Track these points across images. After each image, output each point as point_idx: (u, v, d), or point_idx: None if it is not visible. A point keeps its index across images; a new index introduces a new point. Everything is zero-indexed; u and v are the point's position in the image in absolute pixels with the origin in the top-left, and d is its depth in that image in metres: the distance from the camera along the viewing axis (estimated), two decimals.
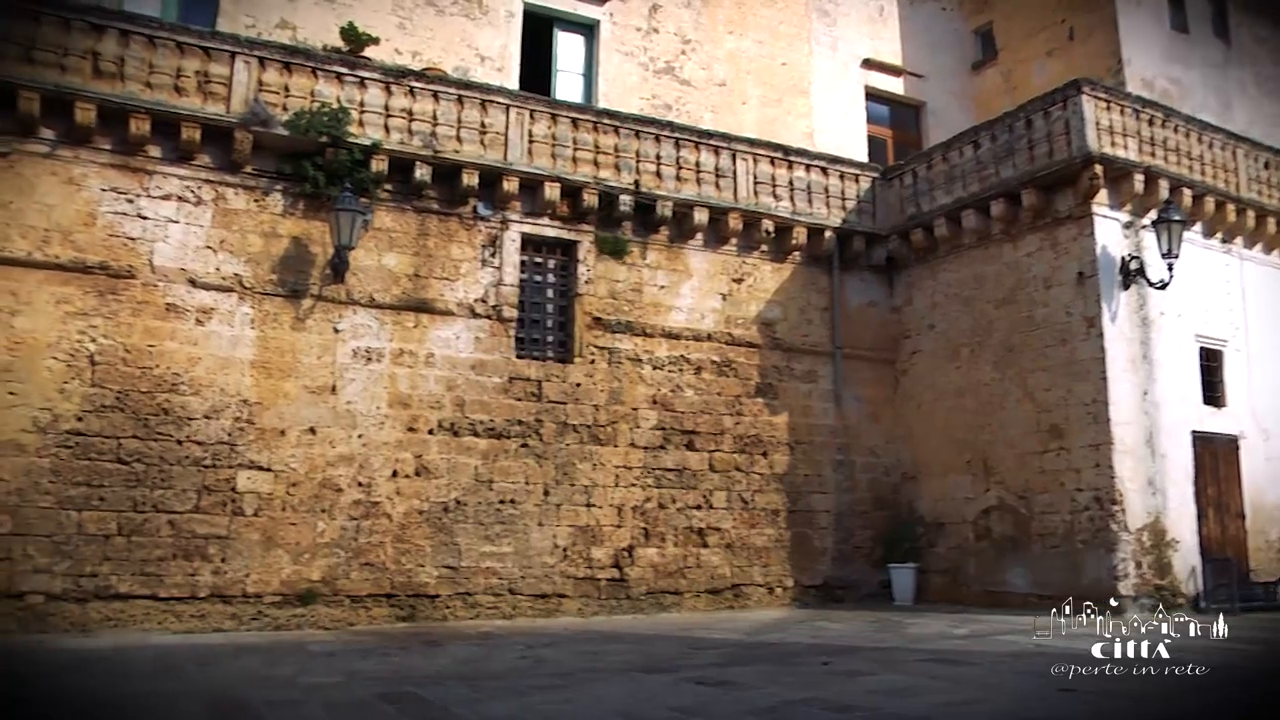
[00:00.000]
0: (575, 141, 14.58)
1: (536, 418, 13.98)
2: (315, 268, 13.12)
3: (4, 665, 9.40)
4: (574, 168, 14.50)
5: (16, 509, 11.37)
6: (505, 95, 14.41)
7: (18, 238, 11.88)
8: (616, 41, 17.76)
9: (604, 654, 10.27)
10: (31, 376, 11.70)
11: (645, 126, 15.29)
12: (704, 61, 18.46)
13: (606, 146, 14.80)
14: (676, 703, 7.42)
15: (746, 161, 15.86)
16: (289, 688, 8.26)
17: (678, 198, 15.09)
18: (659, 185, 15.05)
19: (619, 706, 7.36)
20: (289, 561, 12.40)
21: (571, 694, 7.95)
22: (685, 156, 15.37)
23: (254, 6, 15.38)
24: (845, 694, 7.74)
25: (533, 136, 14.29)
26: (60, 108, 12.01)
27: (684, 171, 15.30)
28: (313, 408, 12.83)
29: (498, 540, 13.47)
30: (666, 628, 12.66)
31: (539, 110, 14.46)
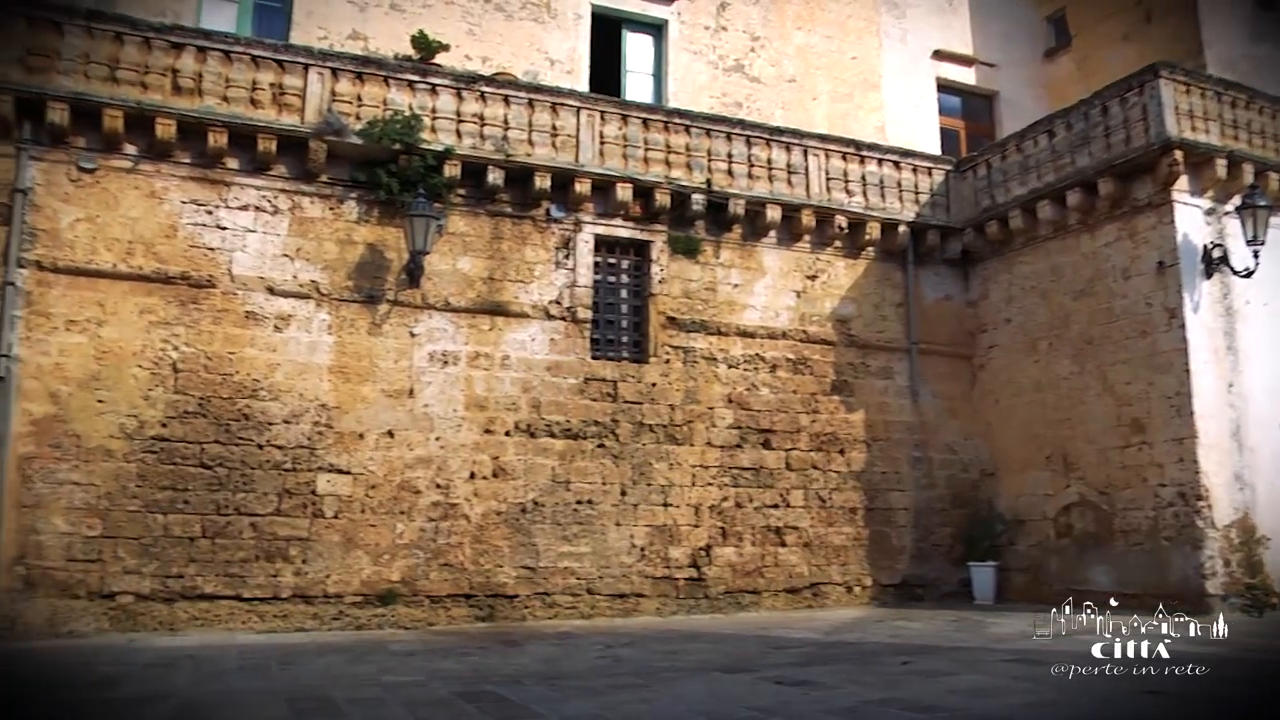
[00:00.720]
0: (646, 142, 14.38)
1: (612, 418, 13.82)
2: (391, 273, 13.11)
3: (98, 662, 9.48)
4: (645, 168, 14.31)
5: (106, 512, 11.58)
6: (575, 97, 14.27)
7: (104, 250, 12.10)
8: (685, 40, 17.55)
9: (683, 653, 10.09)
10: (118, 384, 11.89)
11: (716, 125, 15.02)
12: (773, 58, 18.18)
13: (678, 146, 14.57)
14: (756, 702, 7.26)
15: (818, 157, 15.52)
16: (370, 686, 8.25)
17: (750, 195, 14.81)
18: (731, 183, 14.78)
19: (698, 706, 7.21)
20: (369, 562, 12.39)
21: (651, 693, 7.80)
22: (756, 154, 15.07)
23: (326, 19, 15.50)
24: (925, 694, 7.51)
25: (604, 138, 14.12)
26: (142, 124, 12.20)
27: (755, 169, 15.01)
28: (390, 411, 12.81)
29: (575, 540, 13.33)
30: (745, 627, 12.44)
31: (609, 111, 14.30)
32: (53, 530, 11.40)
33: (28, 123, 11.99)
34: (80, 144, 12.18)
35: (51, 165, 12.12)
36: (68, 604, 11.28)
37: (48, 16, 12.07)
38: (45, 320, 11.82)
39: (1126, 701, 7.26)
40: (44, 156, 12.08)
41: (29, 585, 11.21)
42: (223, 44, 12.69)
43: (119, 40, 12.25)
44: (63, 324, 11.86)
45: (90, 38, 12.17)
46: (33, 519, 11.38)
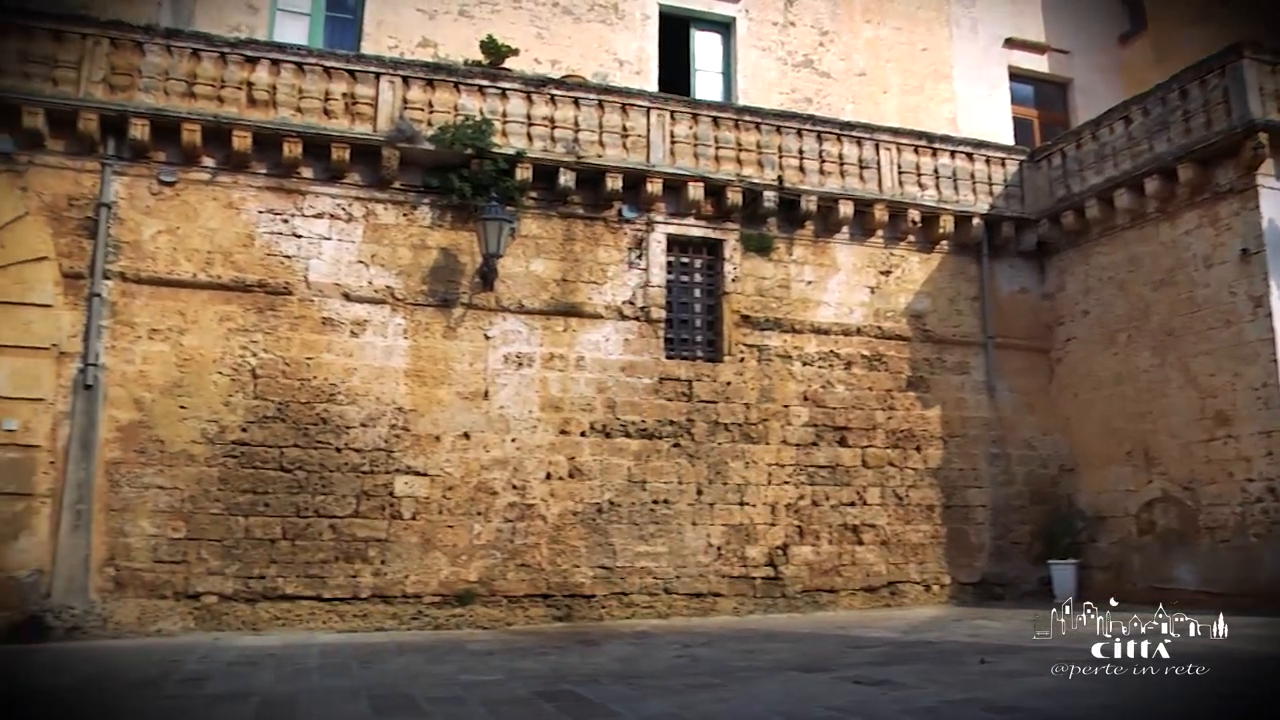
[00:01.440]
0: (717, 140, 14.14)
1: (688, 417, 13.61)
2: (464, 277, 13.06)
3: (186, 660, 9.60)
4: (716, 166, 14.08)
5: (190, 515, 11.75)
6: (645, 98, 14.10)
7: (184, 260, 12.28)
8: (753, 37, 17.25)
9: (760, 652, 9.91)
10: (200, 391, 12.04)
11: (786, 121, 14.72)
12: (842, 52, 17.82)
13: (748, 143, 14.30)
14: (835, 702, 7.10)
15: (890, 151, 15.14)
16: (450, 685, 8.22)
17: (822, 192, 14.48)
18: (802, 180, 14.47)
19: (777, 705, 7.07)
20: (447, 563, 12.36)
21: (729, 692, 7.67)
22: (828, 149, 14.74)
23: (396, 28, 15.53)
24: (1006, 694, 7.27)
25: (674, 137, 13.92)
26: (220, 137, 12.38)
27: (827, 165, 14.68)
28: (466, 413, 12.76)
29: (652, 540, 13.16)
30: (822, 626, 12.20)
31: (679, 111, 14.09)
32: (140, 533, 11.60)
33: (111, 139, 12.26)
34: (161, 158, 12.40)
35: (134, 179, 12.35)
36: (155, 604, 11.49)
37: (130, 37, 12.34)
38: (129, 329, 12.03)
39: (1203, 703, 7.03)
40: (127, 171, 12.31)
41: (119, 585, 11.45)
42: (296, 56, 12.83)
43: (196, 57, 12.49)
44: (146, 333, 12.06)
45: (169, 55, 12.43)
46: (120, 522, 11.60)
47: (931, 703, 7.05)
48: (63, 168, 12.16)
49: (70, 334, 11.87)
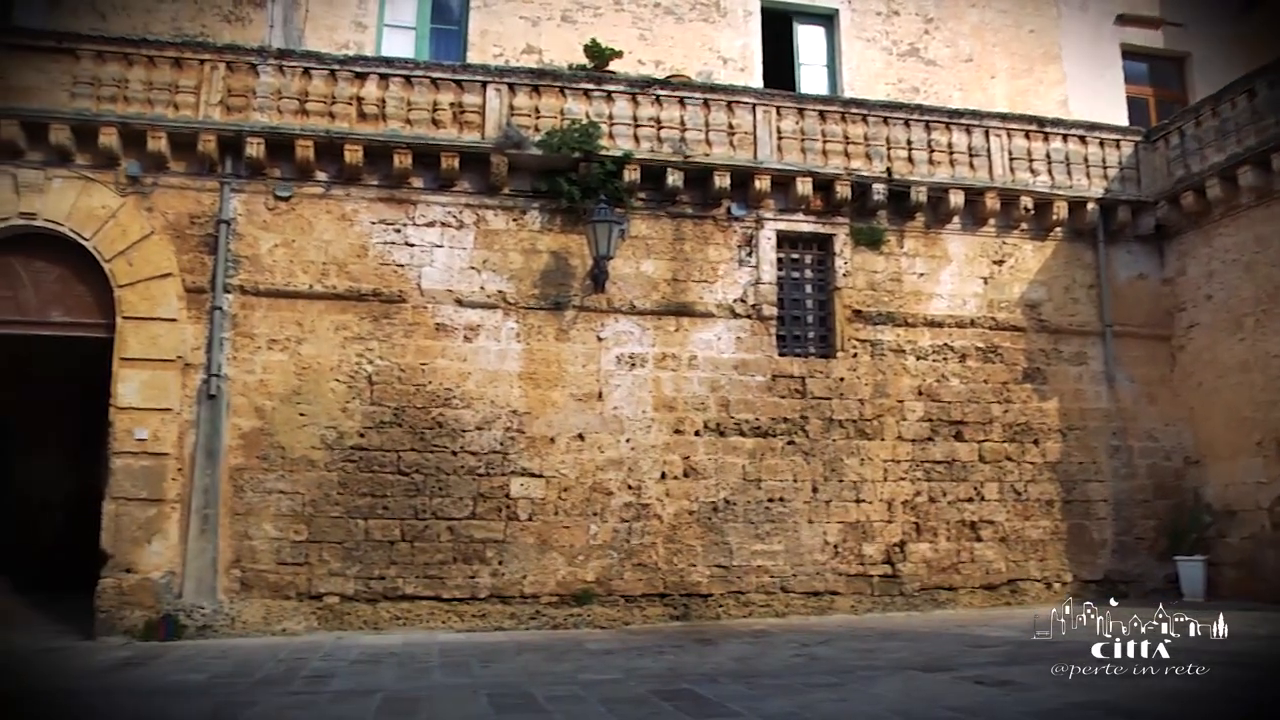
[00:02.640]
0: (824, 134, 13.75)
1: (802, 415, 13.29)
2: (575, 279, 12.97)
3: (310, 658, 9.82)
4: (824, 160, 13.69)
5: (311, 519, 11.95)
6: (750, 94, 13.80)
7: (300, 272, 12.48)
8: (857, 29, 16.78)
9: (879, 651, 9.71)
10: (318, 398, 12.22)
11: (893, 112, 14.25)
12: (948, 39, 17.23)
13: (855, 136, 13.89)
14: (956, 702, 6.96)
15: (1000, 137, 14.53)
16: (568, 683, 8.24)
17: (931, 182, 13.98)
18: (911, 170, 13.99)
19: (897, 705, 6.94)
20: (564, 563, 12.29)
21: (848, 692, 7.56)
22: (936, 138, 14.23)
23: (500, 36, 15.50)
24: (1130, 697, 6.95)
25: (781, 133, 13.59)
26: (332, 151, 12.55)
27: (936, 154, 14.17)
28: (580, 415, 12.68)
29: (768, 538, 12.88)
30: (941, 625, 11.86)
31: (785, 106, 13.75)
32: (263, 536, 11.85)
33: (229, 158, 12.54)
34: (276, 174, 12.62)
35: (251, 196, 12.60)
36: (280, 604, 11.73)
37: (244, 60, 12.63)
38: (249, 340, 12.26)
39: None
40: (244, 188, 12.57)
41: (245, 586, 11.72)
42: (403, 70, 12.92)
43: (307, 75, 12.69)
44: (265, 343, 12.28)
45: (282, 75, 12.66)
46: (245, 525, 11.86)
47: (1055, 705, 6.87)
48: (184, 187, 12.49)
49: (194, 346, 12.16)
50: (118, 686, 8.55)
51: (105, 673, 9.28)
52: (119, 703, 7.84)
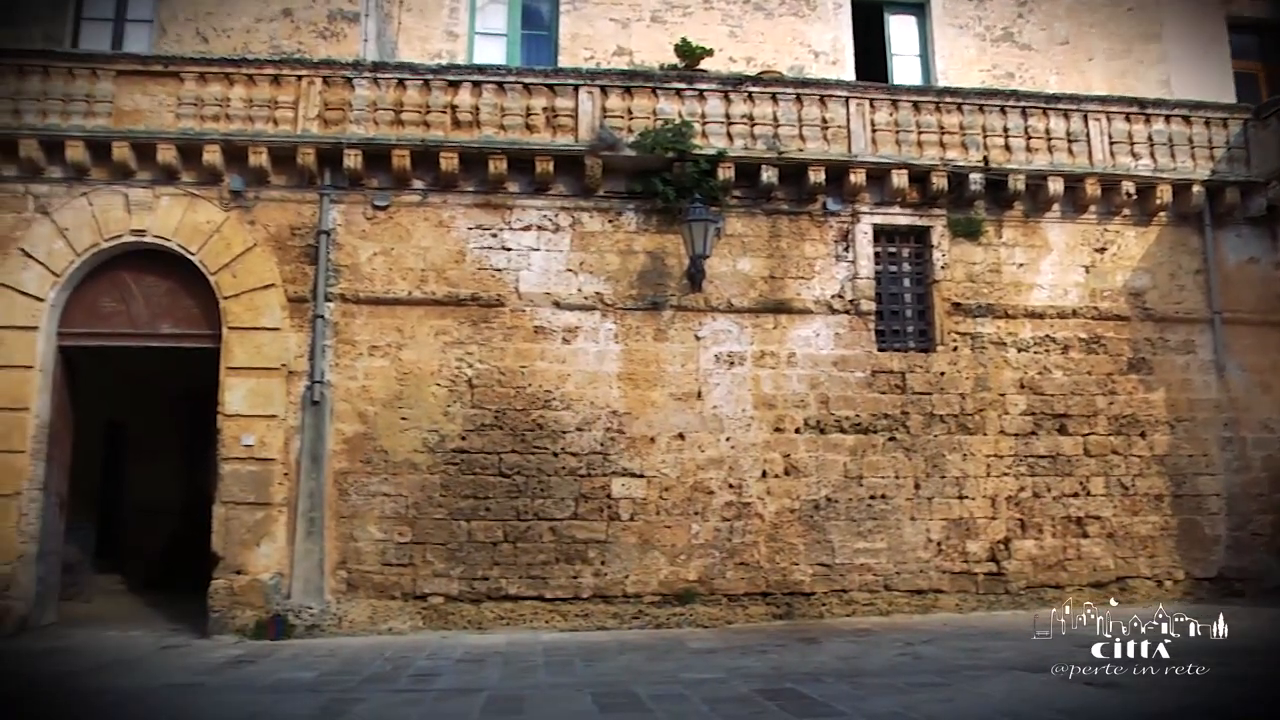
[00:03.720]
0: (918, 124, 13.40)
1: (902, 410, 12.98)
2: (672, 279, 12.86)
3: (416, 657, 9.99)
4: (919, 151, 13.34)
5: (415, 520, 12.07)
6: (843, 87, 13.51)
7: (399, 279, 12.60)
8: (949, 16, 16.30)
9: (984, 651, 9.52)
10: (419, 402, 12.32)
11: (988, 99, 13.80)
12: (1042, 21, 16.64)
13: (951, 125, 13.50)
14: (1064, 704, 6.88)
15: (1099, 121, 13.99)
16: (672, 682, 8.24)
17: (1029, 169, 13.51)
18: (1009, 159, 13.55)
19: (1003, 706, 6.86)
20: (666, 563, 12.19)
21: (953, 692, 7.48)
22: (1033, 125, 13.75)
23: (590, 39, 15.46)
24: (1237, 701, 6.81)
25: (875, 125, 13.28)
26: (427, 159, 12.68)
27: (1034, 141, 13.70)
28: (680, 414, 12.57)
29: (870, 536, 12.62)
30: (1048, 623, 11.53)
31: (878, 98, 13.43)
32: (369, 538, 12.00)
33: (327, 170, 12.75)
34: (373, 184, 12.76)
35: (350, 206, 12.77)
36: (385, 604, 11.88)
37: (340, 74, 12.80)
38: (351, 347, 12.42)
39: None
40: (343, 199, 12.76)
41: (351, 587, 11.90)
42: (496, 76, 12.98)
43: (402, 86, 12.81)
44: (366, 349, 12.42)
45: (377, 87, 12.79)
46: (350, 528, 12.02)
47: (1165, 708, 6.77)
48: (285, 200, 12.71)
49: (297, 354, 12.36)
50: (232, 683, 8.80)
51: (220, 669, 9.58)
52: (234, 698, 8.04)
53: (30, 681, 8.97)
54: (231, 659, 10.13)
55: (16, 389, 12.15)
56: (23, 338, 12.26)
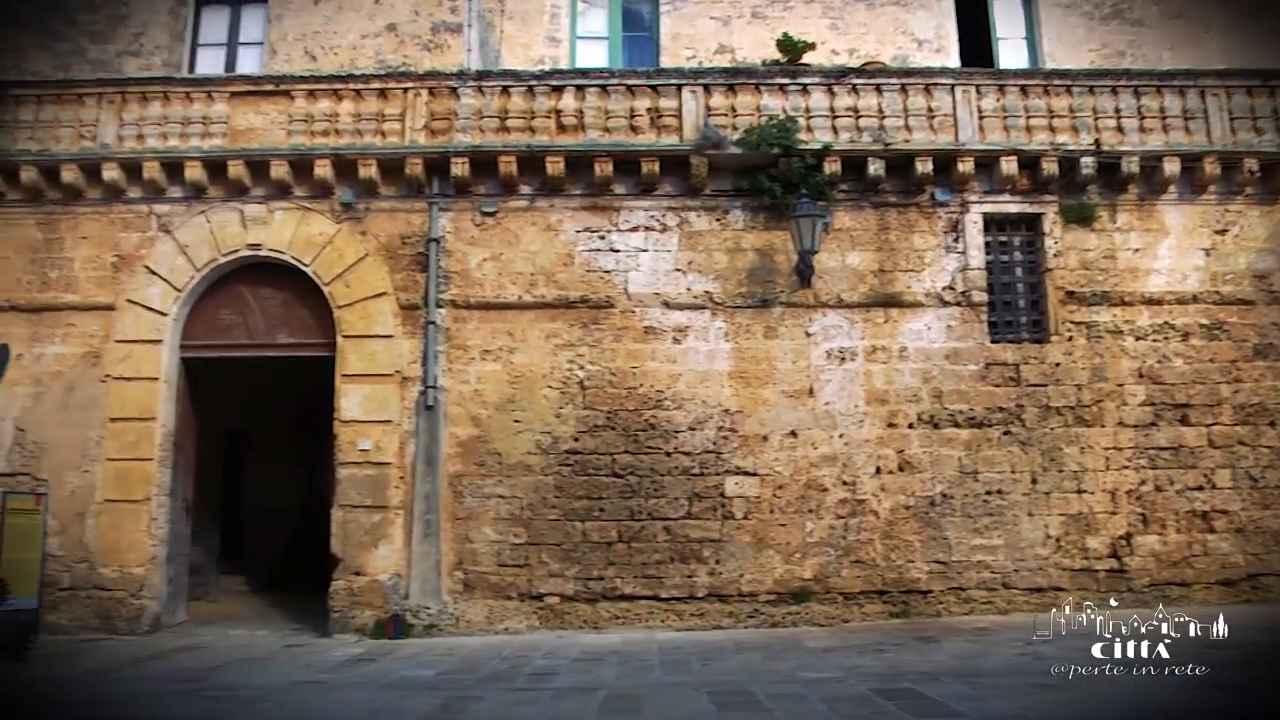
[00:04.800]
0: (1026, 109, 12.98)
1: (1017, 403, 12.58)
2: (781, 276, 12.69)
3: (532, 656, 10.07)
4: (1029, 137, 12.91)
5: (530, 522, 12.13)
6: (948, 75, 13.17)
7: (509, 284, 12.68)
8: None
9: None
10: (531, 405, 12.39)
11: (1099, 80, 13.28)
12: None
13: (1060, 109, 13.04)
14: (1190, 707, 6.68)
15: (1218, 97, 13.30)
16: (788, 681, 8.17)
17: (1144, 150, 12.93)
18: (1121, 140, 13.01)
19: (1128, 709, 6.69)
20: (780, 561, 12.04)
21: (1075, 693, 7.28)
22: (1147, 104, 13.17)
23: (691, 39, 15.35)
24: None
25: (981, 112, 12.90)
26: (533, 165, 12.75)
27: (1147, 120, 13.13)
28: (792, 411, 12.39)
29: (987, 533, 12.24)
30: None
31: (984, 84, 13.04)
32: (484, 539, 12.10)
33: (435, 179, 12.88)
34: (481, 191, 12.88)
35: (458, 213, 12.91)
36: (502, 604, 11.97)
37: (445, 85, 12.96)
38: (463, 352, 12.54)
39: None
40: (451, 207, 12.90)
41: (468, 587, 12.02)
42: (599, 79, 13.00)
43: (506, 93, 12.92)
44: (478, 354, 12.53)
45: (481, 95, 12.91)
46: (466, 529, 12.14)
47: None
48: (395, 210, 12.90)
49: (410, 360, 12.52)
50: (354, 680, 8.98)
51: (342, 667, 9.79)
52: (356, 695, 8.19)
53: (170, 676, 9.33)
54: (352, 657, 10.33)
55: (144, 400, 12.58)
56: (149, 351, 12.69)
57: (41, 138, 13.09)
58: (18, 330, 12.79)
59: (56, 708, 7.76)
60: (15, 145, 13.06)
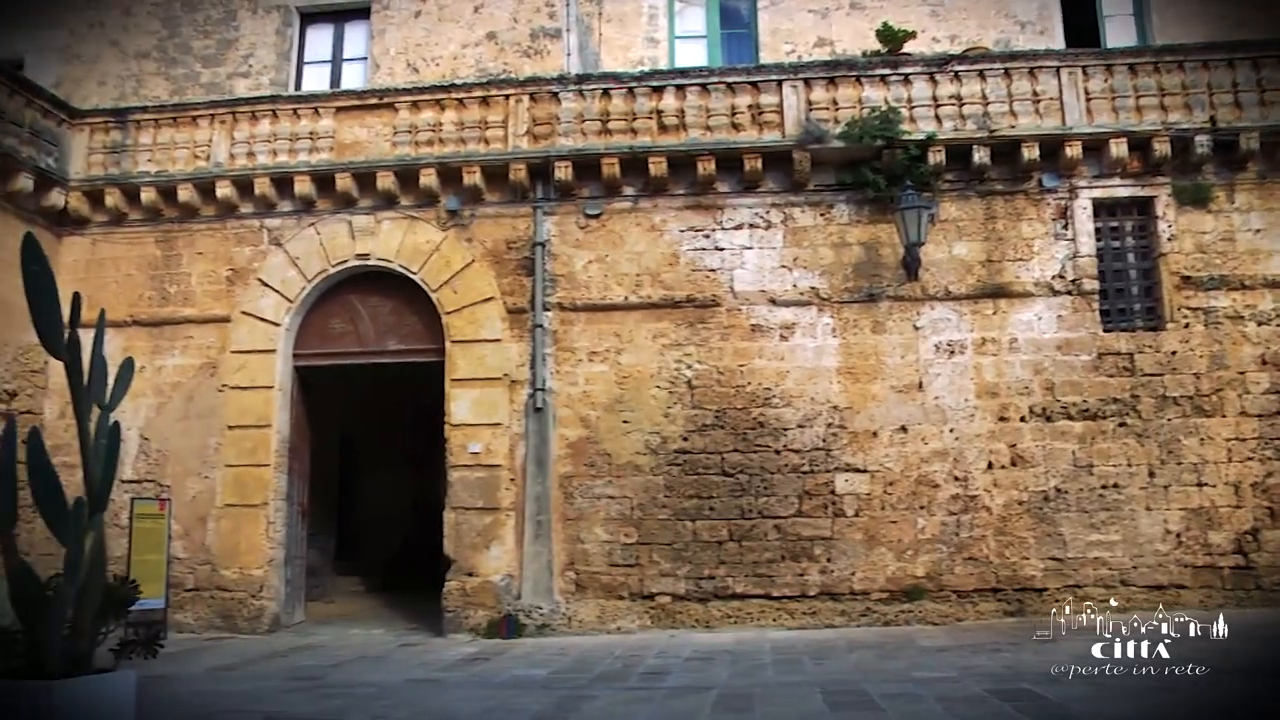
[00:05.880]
0: (1136, 88, 12.46)
1: (1132, 393, 12.11)
2: (887, 269, 12.46)
3: (645, 655, 10.03)
4: (1139, 117, 12.39)
5: (640, 521, 12.12)
6: (1053, 57, 12.73)
7: (614, 285, 12.70)
8: None
9: (1233, 653, 8.66)
10: (640, 405, 12.37)
11: (1213, 53, 12.63)
12: None
13: (1172, 86, 12.47)
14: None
15: None
16: (902, 681, 8.05)
17: (1264, 126, 12.25)
18: (1239, 116, 12.37)
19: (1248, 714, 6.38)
20: (892, 559, 11.81)
21: (1196, 693, 6.96)
22: (1267, 76, 12.45)
23: (790, 33, 15.24)
24: None
25: (1089, 93, 12.44)
26: (636, 166, 12.74)
27: (1268, 94, 12.41)
28: (901, 406, 12.15)
29: (1103, 528, 11.80)
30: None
31: (1090, 64, 12.56)
32: (595, 539, 12.13)
33: (539, 184, 12.96)
34: (584, 193, 12.92)
35: (562, 217, 12.96)
36: (613, 603, 11.99)
37: (546, 90, 13.02)
38: (570, 354, 12.59)
39: None
40: (555, 210, 12.97)
41: (579, 587, 12.06)
42: (699, 78, 12.92)
43: (606, 96, 12.93)
44: (585, 356, 12.57)
45: (582, 99, 12.95)
46: (577, 530, 12.18)
47: None
48: (499, 216, 13.03)
49: (518, 363, 12.61)
50: (469, 679, 9.06)
51: (456, 666, 9.90)
52: (471, 693, 8.25)
53: (290, 673, 9.58)
54: (467, 656, 10.45)
55: (261, 408, 12.93)
56: (263, 360, 13.03)
57: (159, 159, 13.56)
58: (140, 344, 13.22)
59: (187, 701, 7.99)
60: (136, 168, 13.57)
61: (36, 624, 4.85)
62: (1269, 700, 6.95)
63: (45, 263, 5.26)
